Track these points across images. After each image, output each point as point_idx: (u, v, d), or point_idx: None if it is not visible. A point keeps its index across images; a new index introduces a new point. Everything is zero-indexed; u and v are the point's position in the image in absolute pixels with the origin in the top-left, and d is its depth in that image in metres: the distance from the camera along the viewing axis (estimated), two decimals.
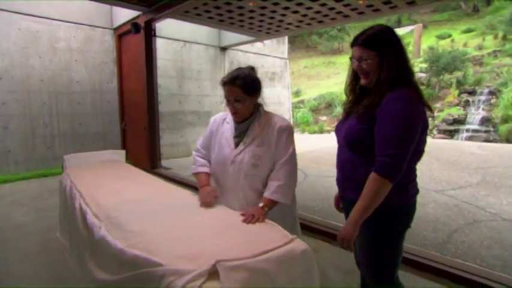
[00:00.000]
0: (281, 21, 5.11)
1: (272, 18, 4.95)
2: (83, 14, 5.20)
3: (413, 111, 1.10)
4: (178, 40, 6.37)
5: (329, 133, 12.77)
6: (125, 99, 5.48)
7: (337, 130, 1.34)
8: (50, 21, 4.90)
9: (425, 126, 1.16)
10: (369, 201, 1.09)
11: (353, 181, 1.23)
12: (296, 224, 1.58)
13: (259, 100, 1.54)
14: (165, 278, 0.82)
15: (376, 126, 1.13)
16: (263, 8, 4.45)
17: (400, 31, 17.05)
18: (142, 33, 4.62)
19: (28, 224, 3.05)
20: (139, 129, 5.12)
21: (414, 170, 1.26)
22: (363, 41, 1.19)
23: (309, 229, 2.69)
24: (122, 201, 1.41)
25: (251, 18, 4.97)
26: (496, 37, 15.88)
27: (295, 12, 4.60)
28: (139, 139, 5.18)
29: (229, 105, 1.46)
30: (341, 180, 1.32)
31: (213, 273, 0.81)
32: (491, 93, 10.45)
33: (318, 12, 4.60)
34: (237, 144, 1.48)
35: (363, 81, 1.23)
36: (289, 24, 5.31)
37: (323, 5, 4.27)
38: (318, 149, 8.09)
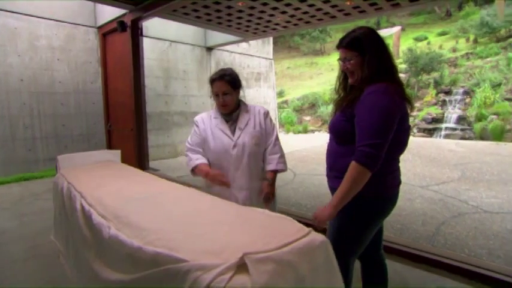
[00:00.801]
0: (269, 21, 5.14)
1: (260, 18, 4.98)
2: (65, 11, 5.02)
3: (389, 103, 1.16)
4: (164, 40, 6.28)
5: (313, 133, 12.95)
6: (110, 99, 5.33)
7: (329, 123, 1.43)
8: (29, 17, 4.69)
9: (404, 117, 1.23)
10: (348, 188, 1.16)
11: (336, 170, 1.32)
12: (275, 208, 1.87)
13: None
14: (190, 274, 0.82)
15: (356, 119, 1.21)
16: (252, 8, 4.47)
17: (381, 33, 17.56)
18: (129, 32, 4.52)
19: (13, 229, 2.92)
20: (125, 130, 5.00)
21: (397, 161, 1.34)
22: (346, 44, 1.29)
23: None
24: (128, 200, 1.38)
25: (239, 18, 4.97)
26: (468, 40, 16.67)
27: (284, 12, 4.64)
28: (126, 140, 5.05)
29: (218, 99, 1.68)
30: (327, 170, 1.40)
31: (240, 267, 0.81)
32: (465, 93, 10.96)
33: (305, 12, 4.66)
34: (233, 132, 1.70)
35: (350, 80, 1.32)
36: (277, 24, 5.35)
37: (311, 5, 4.34)
38: (304, 149, 8.20)
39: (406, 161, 6.12)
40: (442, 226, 3.03)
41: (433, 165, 5.80)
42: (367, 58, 1.24)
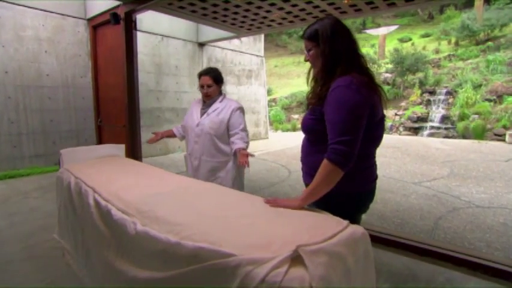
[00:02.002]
0: (265, 17, 5.11)
1: (256, 14, 4.94)
2: (53, 1, 4.79)
3: (355, 97, 1.12)
4: (156, 34, 6.13)
5: None
6: (100, 94, 5.14)
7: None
8: (13, 6, 4.44)
9: (375, 109, 1.18)
10: (318, 185, 1.13)
11: (306, 166, 1.33)
12: (243, 189, 2.34)
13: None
14: (240, 269, 0.78)
15: (325, 116, 1.18)
16: (249, 3, 4.42)
17: (380, 31, 17.95)
18: (122, 24, 4.37)
19: (3, 230, 2.76)
20: (117, 126, 4.85)
21: (373, 156, 1.31)
22: (306, 34, 1.29)
23: None
24: (148, 194, 1.33)
25: (235, 13, 4.92)
26: (449, 42, 17.25)
27: (281, 8, 4.63)
28: (118, 137, 4.90)
29: (203, 90, 2.21)
30: (302, 165, 1.39)
31: (293, 260, 0.79)
32: (448, 93, 11.33)
33: (302, 9, 4.67)
34: (202, 115, 2.23)
35: (313, 71, 1.33)
36: (272, 21, 5.33)
37: (308, 2, 4.34)
38: (295, 146, 8.24)
39: (397, 159, 6.27)
40: (440, 221, 3.11)
41: (422, 163, 5.96)
42: (325, 50, 1.22)
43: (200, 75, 2.21)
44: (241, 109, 2.24)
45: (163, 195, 1.31)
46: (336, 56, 1.21)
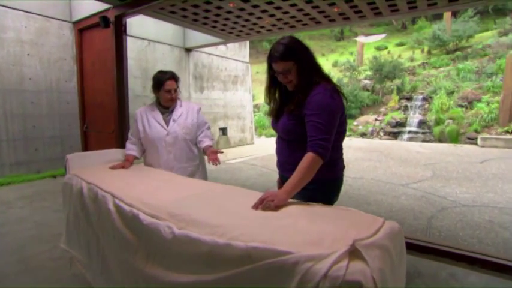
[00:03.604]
0: (255, 24, 5.18)
1: (247, 20, 4.99)
2: (35, 2, 4.61)
3: (334, 103, 1.36)
4: (143, 39, 6.04)
5: None
6: (86, 99, 4.98)
7: (274, 126, 1.60)
8: None
9: (343, 111, 1.43)
10: (302, 175, 1.28)
11: (290, 163, 1.44)
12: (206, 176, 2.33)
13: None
14: (299, 265, 0.79)
15: (307, 117, 1.36)
16: (241, 9, 4.47)
17: (369, 39, 18.57)
18: (112, 28, 4.28)
19: None
20: (105, 132, 4.70)
21: (341, 148, 1.54)
22: (281, 56, 1.37)
23: None
24: (174, 198, 1.30)
25: (226, 19, 4.95)
26: (423, 51, 18.18)
27: (272, 15, 4.71)
28: (105, 143, 4.74)
29: (170, 94, 2.09)
30: (282, 163, 1.57)
31: (350, 254, 0.81)
32: (424, 99, 11.91)
33: (292, 17, 4.78)
34: (167, 123, 2.12)
35: (290, 88, 1.46)
36: (262, 27, 5.41)
37: (300, 10, 4.45)
38: None
39: (381, 162, 6.48)
40: (432, 220, 3.25)
41: (406, 166, 6.20)
42: (302, 64, 1.38)
43: (166, 79, 2.07)
44: (200, 108, 2.31)
45: (191, 198, 1.30)
46: (311, 68, 1.41)
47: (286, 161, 1.51)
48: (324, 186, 1.45)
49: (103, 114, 4.72)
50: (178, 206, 1.21)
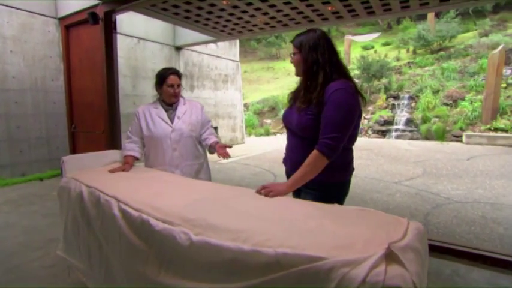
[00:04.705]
0: (248, 22, 5.12)
1: (240, 18, 4.93)
2: None
3: (353, 101, 1.33)
4: (132, 36, 5.87)
5: (275, 135, 13.19)
6: (74, 99, 4.80)
7: (286, 118, 1.54)
8: None
9: (360, 113, 1.41)
10: (306, 172, 1.31)
11: (301, 161, 1.40)
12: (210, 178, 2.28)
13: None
14: (335, 271, 0.75)
15: (323, 113, 1.33)
16: (235, 7, 4.41)
17: (363, 38, 18.77)
18: (101, 25, 4.13)
19: None
20: (95, 132, 4.55)
21: (352, 151, 1.51)
22: (294, 41, 1.48)
23: None
24: (185, 201, 1.24)
25: (219, 17, 4.87)
26: (408, 51, 18.56)
27: (265, 14, 4.67)
28: (95, 144, 4.60)
29: (173, 89, 2.04)
30: (294, 163, 1.47)
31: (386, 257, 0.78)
32: (411, 98, 12.15)
33: (286, 15, 4.75)
34: (172, 120, 2.06)
35: (295, 72, 1.50)
36: (254, 26, 5.35)
37: (293, 8, 4.43)
38: (274, 150, 8.31)
39: (372, 160, 6.56)
40: (429, 217, 3.29)
41: (397, 163, 6.30)
42: (303, 56, 1.41)
43: (168, 74, 2.02)
44: (203, 107, 2.29)
45: (202, 201, 1.24)
46: (316, 65, 1.38)
47: (299, 161, 1.40)
48: (336, 189, 1.45)
49: (92, 114, 4.56)
50: (191, 210, 1.15)
